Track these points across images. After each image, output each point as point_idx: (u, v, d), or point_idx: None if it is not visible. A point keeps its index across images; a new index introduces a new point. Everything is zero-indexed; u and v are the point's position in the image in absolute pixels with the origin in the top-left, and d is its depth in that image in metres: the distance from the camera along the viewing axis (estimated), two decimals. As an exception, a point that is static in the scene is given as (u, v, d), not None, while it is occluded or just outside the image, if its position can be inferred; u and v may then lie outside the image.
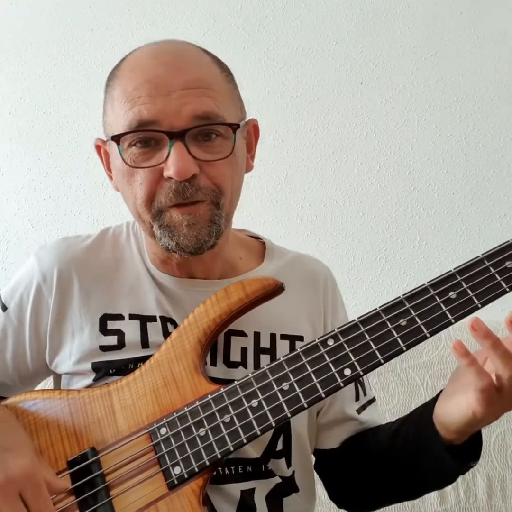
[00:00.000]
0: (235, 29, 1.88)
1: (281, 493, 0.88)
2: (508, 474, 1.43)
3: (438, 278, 0.75)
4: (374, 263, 1.83)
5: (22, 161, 1.91)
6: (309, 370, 0.75)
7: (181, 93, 0.78)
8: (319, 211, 1.84)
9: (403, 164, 1.83)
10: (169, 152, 0.78)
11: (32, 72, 1.91)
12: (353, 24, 1.86)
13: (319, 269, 1.00)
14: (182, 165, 0.77)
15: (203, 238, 0.81)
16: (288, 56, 1.87)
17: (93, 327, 0.89)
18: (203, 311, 0.83)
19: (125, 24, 1.90)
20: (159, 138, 0.79)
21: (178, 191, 0.79)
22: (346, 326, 0.76)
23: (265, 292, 0.82)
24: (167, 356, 0.82)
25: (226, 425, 0.75)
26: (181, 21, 1.89)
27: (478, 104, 1.81)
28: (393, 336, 0.73)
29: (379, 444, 0.91)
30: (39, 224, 1.90)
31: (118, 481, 0.76)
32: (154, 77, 0.78)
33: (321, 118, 1.85)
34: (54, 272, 0.91)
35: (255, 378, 0.77)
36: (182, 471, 0.75)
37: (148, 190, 0.81)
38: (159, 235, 0.83)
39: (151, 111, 0.78)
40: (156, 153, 0.80)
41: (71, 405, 0.82)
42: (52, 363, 0.91)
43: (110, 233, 0.97)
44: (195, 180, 0.79)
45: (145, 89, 0.78)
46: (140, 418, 0.79)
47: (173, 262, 0.90)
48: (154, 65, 0.80)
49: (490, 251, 0.75)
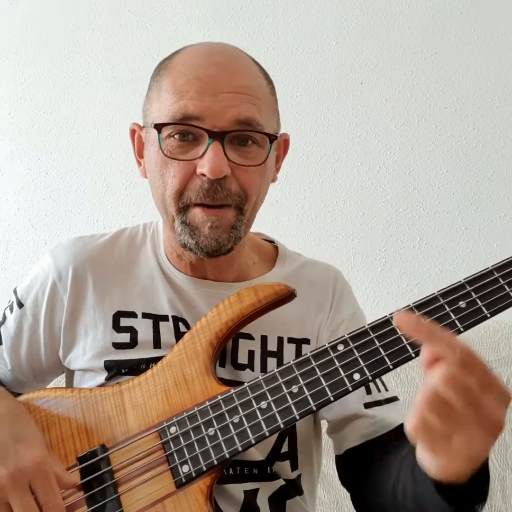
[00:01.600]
0: (235, 29, 1.88)
1: (284, 495, 0.88)
2: (508, 474, 1.43)
3: (448, 287, 0.75)
4: (374, 263, 1.83)
5: (22, 161, 1.91)
6: (319, 374, 0.76)
7: (229, 96, 0.80)
8: (319, 211, 1.84)
9: (403, 164, 1.83)
10: (206, 150, 0.79)
11: (32, 72, 1.91)
12: (353, 24, 1.86)
13: (329, 274, 1.00)
14: (217, 164, 0.79)
15: (222, 242, 0.83)
16: (288, 56, 1.87)
17: (107, 324, 0.90)
18: (216, 314, 0.84)
19: (125, 24, 1.90)
20: (198, 134, 0.80)
21: (210, 191, 0.80)
22: (356, 332, 0.76)
23: (277, 297, 0.84)
24: (179, 358, 0.83)
25: (235, 425, 0.76)
26: (181, 21, 1.89)
27: (478, 104, 1.81)
28: (402, 343, 0.74)
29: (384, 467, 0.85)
30: (39, 224, 1.90)
31: (126, 478, 0.76)
32: (204, 76, 0.80)
33: (321, 118, 1.85)
34: (69, 270, 0.92)
35: (264, 380, 0.78)
36: (190, 470, 0.76)
37: (180, 183, 0.82)
38: (180, 231, 0.84)
39: (197, 107, 0.79)
40: (193, 148, 0.81)
41: (82, 403, 0.83)
42: (65, 359, 0.93)
43: (127, 234, 0.98)
44: (226, 182, 0.81)
45: (195, 85, 0.80)
46: (150, 417, 0.80)
47: (187, 259, 0.91)
48: (206, 64, 0.81)
49: (499, 263, 0.75)
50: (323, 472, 1.45)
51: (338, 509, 1.43)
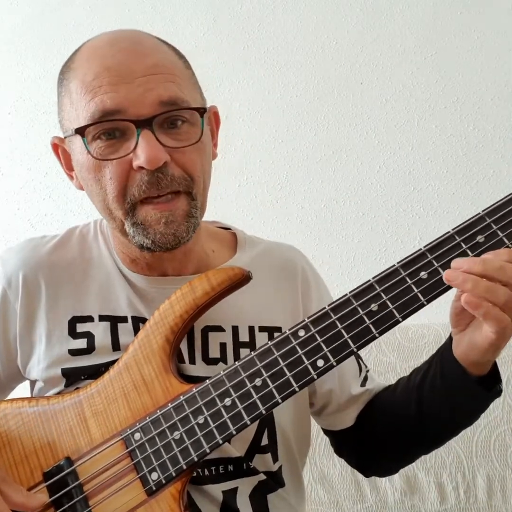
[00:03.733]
0: (235, 29, 1.88)
1: (265, 490, 0.86)
2: (508, 474, 1.43)
3: (408, 257, 0.72)
4: (374, 263, 1.83)
5: (22, 161, 1.91)
6: (281, 364, 0.73)
7: (144, 79, 0.75)
8: (319, 211, 1.84)
9: (403, 164, 1.83)
10: (137, 141, 0.75)
11: (32, 72, 1.91)
12: (353, 24, 1.86)
13: (295, 257, 0.98)
14: (153, 153, 0.74)
15: (181, 235, 0.78)
16: (288, 56, 1.87)
17: (62, 331, 0.86)
18: (169, 308, 0.80)
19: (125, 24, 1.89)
20: (125, 128, 0.76)
21: (152, 183, 0.76)
22: (317, 315, 0.73)
23: (231, 282, 0.79)
24: (135, 358, 0.79)
25: (200, 426, 0.74)
26: (181, 21, 1.89)
27: (478, 104, 1.81)
28: (365, 322, 0.71)
29: (397, 398, 0.90)
30: (39, 224, 1.90)
31: (96, 490, 0.74)
32: (114, 64, 0.75)
33: (321, 118, 1.85)
34: (19, 276, 0.88)
35: (227, 375, 0.75)
36: (160, 477, 0.73)
37: (120, 183, 0.77)
38: (132, 233, 0.79)
39: (114, 100, 0.74)
40: (123, 144, 0.76)
41: (42, 415, 0.79)
42: (25, 369, 0.89)
43: (77, 232, 0.94)
44: (167, 169, 0.76)
45: (106, 77, 0.75)
46: (113, 424, 0.77)
47: (143, 262, 0.87)
48: (112, 52, 0.76)
49: (459, 226, 0.73)
50: (323, 472, 1.45)
51: (338, 509, 1.43)
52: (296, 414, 0.92)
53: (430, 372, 0.84)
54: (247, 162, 1.85)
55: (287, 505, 0.90)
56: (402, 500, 1.43)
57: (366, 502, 1.43)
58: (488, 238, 0.71)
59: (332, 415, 0.96)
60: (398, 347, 1.54)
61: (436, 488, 1.43)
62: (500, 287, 0.66)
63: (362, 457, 0.98)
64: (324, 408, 0.96)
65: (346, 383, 0.94)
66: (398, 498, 1.43)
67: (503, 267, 0.67)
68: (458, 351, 0.77)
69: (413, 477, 1.44)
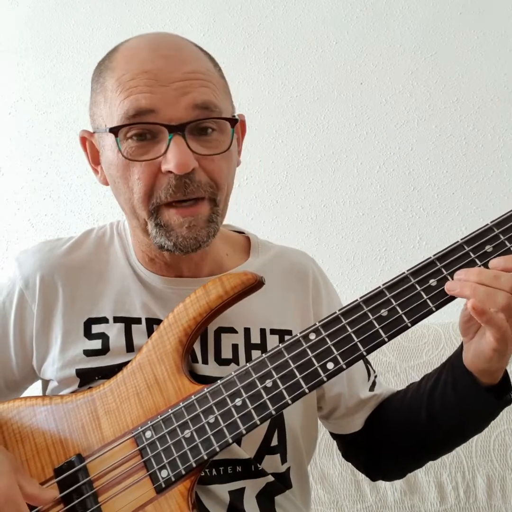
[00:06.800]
0: (235, 29, 1.88)
1: (272, 491, 0.87)
2: (508, 474, 1.43)
3: (418, 265, 0.76)
4: (374, 263, 1.83)
5: (22, 161, 1.91)
6: (292, 366, 0.74)
7: (180, 84, 0.76)
8: (319, 211, 1.85)
9: (403, 164, 1.83)
10: (168, 146, 0.76)
11: (32, 72, 1.92)
12: (353, 24, 1.86)
13: (305, 262, 0.99)
14: (183, 158, 0.75)
15: (202, 239, 0.80)
16: (288, 56, 1.87)
17: (78, 332, 0.87)
18: (183, 310, 0.82)
19: (125, 24, 1.90)
20: (157, 131, 0.77)
21: (179, 187, 0.77)
22: (328, 319, 0.75)
23: (244, 287, 0.81)
24: (148, 358, 0.81)
25: (211, 425, 0.75)
26: (181, 21, 1.89)
27: (478, 104, 1.81)
28: (375, 327, 0.73)
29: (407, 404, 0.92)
30: (39, 224, 1.90)
31: (106, 487, 0.75)
32: (153, 69, 0.76)
33: (321, 118, 1.86)
34: (36, 277, 0.89)
35: (238, 376, 0.76)
36: (169, 474, 0.75)
37: (147, 185, 0.78)
38: (154, 233, 0.81)
39: (149, 100, 0.75)
40: (153, 147, 0.77)
41: (55, 412, 0.80)
42: (40, 369, 0.90)
43: (93, 234, 0.95)
44: (195, 175, 0.78)
45: (143, 79, 0.76)
46: (124, 423, 0.78)
47: (162, 261, 0.89)
48: (152, 57, 0.78)
49: (468, 236, 0.75)
50: (323, 472, 1.45)
51: (338, 509, 1.43)
52: (305, 417, 0.93)
53: (441, 379, 0.85)
54: (247, 162, 1.85)
55: (294, 506, 0.90)
56: (402, 500, 1.43)
57: (366, 502, 1.44)
58: (496, 248, 0.73)
59: (340, 419, 0.97)
60: (398, 347, 1.54)
61: (436, 488, 1.43)
62: (498, 291, 0.69)
63: (370, 461, 0.99)
64: (333, 412, 0.97)
65: (355, 387, 0.95)
66: (398, 498, 1.43)
67: (497, 276, 0.70)
68: (467, 360, 0.78)
69: (413, 477, 1.44)
